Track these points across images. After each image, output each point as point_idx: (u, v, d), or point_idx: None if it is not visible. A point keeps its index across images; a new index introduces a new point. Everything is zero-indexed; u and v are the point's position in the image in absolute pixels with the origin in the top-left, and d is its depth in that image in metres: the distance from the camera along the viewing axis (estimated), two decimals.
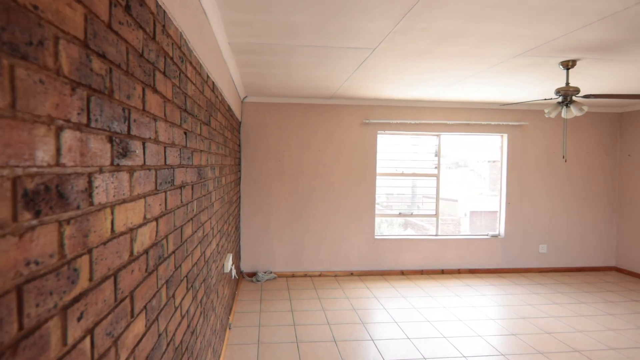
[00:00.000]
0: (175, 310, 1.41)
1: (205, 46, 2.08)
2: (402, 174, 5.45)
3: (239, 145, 4.87)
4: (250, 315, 3.81)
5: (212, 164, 2.48)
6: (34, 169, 0.53)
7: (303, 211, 5.15)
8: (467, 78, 3.79)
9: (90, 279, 0.69)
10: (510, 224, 5.48)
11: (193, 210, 1.79)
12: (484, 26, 2.39)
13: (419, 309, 4.03)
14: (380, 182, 5.36)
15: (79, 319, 0.64)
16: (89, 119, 0.70)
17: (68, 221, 0.61)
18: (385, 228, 6.17)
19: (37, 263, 0.53)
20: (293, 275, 5.16)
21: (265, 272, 5.10)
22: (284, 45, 2.85)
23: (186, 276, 1.61)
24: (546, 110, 3.57)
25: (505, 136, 5.49)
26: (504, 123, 5.35)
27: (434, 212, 5.49)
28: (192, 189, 1.77)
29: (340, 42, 2.76)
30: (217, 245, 2.78)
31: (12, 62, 0.48)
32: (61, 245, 0.59)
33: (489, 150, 5.74)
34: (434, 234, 5.52)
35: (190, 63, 1.72)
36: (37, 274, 0.53)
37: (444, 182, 5.54)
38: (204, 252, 2.14)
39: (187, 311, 1.63)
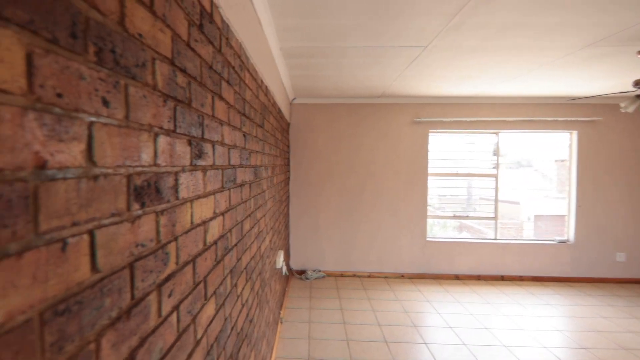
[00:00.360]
0: (237, 299, 1.53)
1: (260, 53, 2.22)
2: (457, 174, 5.27)
3: (288, 146, 5.04)
4: (300, 311, 3.93)
5: (266, 164, 2.62)
6: (140, 168, 0.64)
7: (352, 211, 5.19)
8: (529, 72, 3.59)
9: (177, 263, 0.81)
10: (582, 229, 5.05)
11: (250, 207, 1.92)
12: (547, 17, 2.26)
13: (475, 316, 3.88)
14: (432, 182, 5.23)
15: (169, 296, 0.76)
16: (175, 125, 0.81)
17: (162, 212, 0.73)
18: (438, 230, 5.99)
19: (142, 245, 0.64)
20: (342, 275, 5.21)
21: (314, 271, 5.21)
22: (333, 47, 2.92)
23: (245, 268, 1.73)
24: (622, 105, 3.27)
25: (575, 133, 5.08)
26: (573, 119, 4.96)
27: (492, 215, 5.24)
28: (250, 187, 1.90)
29: (390, 42, 2.77)
30: (270, 241, 2.93)
31: (126, 82, 0.59)
32: (157, 232, 0.70)
33: (555, 149, 5.32)
34: (493, 237, 5.27)
35: (248, 70, 1.85)
36: (142, 254, 0.64)
37: (504, 183, 5.25)
38: (260, 247, 2.28)
39: (246, 301, 1.76)
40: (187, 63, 0.91)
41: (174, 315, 0.79)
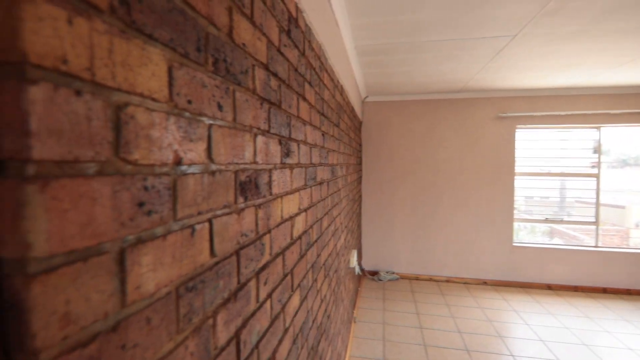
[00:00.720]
0: (317, 294, 1.59)
1: (336, 53, 2.26)
2: (548, 174, 4.76)
3: (360, 145, 5.04)
4: (374, 312, 3.90)
5: (341, 163, 2.66)
6: (243, 166, 0.71)
7: (429, 212, 5.00)
8: (633, 60, 3.10)
9: (270, 254, 0.87)
10: None
11: (328, 205, 1.97)
12: None
13: (572, 330, 3.47)
14: (519, 182, 4.80)
15: (265, 283, 0.82)
16: (269, 126, 0.88)
17: (259, 206, 0.79)
18: (525, 235, 5.48)
19: (245, 235, 0.70)
20: (417, 278, 5.05)
21: (387, 272, 5.14)
22: (410, 42, 2.85)
23: (324, 264, 1.78)
24: None
25: None
26: None
27: (592, 220, 4.63)
28: (328, 185, 1.95)
29: (473, 34, 2.61)
30: (345, 240, 2.96)
31: (234, 88, 0.66)
32: (256, 224, 0.77)
33: None
34: (593, 245, 4.66)
35: (326, 71, 1.90)
36: (245, 244, 0.70)
37: (607, 184, 4.61)
38: (336, 244, 2.32)
39: (325, 296, 1.81)
40: (278, 67, 0.98)
41: (268, 302, 0.86)
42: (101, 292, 0.35)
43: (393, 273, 5.14)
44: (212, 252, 0.57)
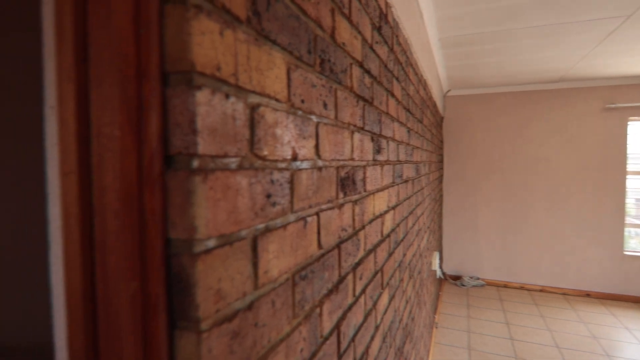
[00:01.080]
0: (403, 294, 1.56)
1: (420, 46, 2.18)
2: None
3: (441, 142, 4.80)
4: (457, 319, 3.70)
5: (424, 160, 2.57)
6: (342, 162, 0.73)
7: (519, 214, 4.57)
8: None
9: (364, 250, 0.88)
10: None
11: (412, 204, 1.91)
12: None
13: None
14: (631, 182, 4.13)
15: (360, 278, 0.83)
16: (364, 123, 0.89)
17: (356, 202, 0.81)
18: (636, 244, 4.71)
19: (345, 230, 0.72)
20: (505, 286, 4.66)
21: (471, 277, 4.82)
22: (501, 31, 2.63)
23: (409, 264, 1.74)
24: None
25: None
26: None
27: None
28: (413, 184, 1.89)
29: (578, 16, 2.32)
30: (427, 240, 2.86)
31: (335, 87, 0.68)
32: (353, 219, 0.78)
33: None
34: None
35: (411, 65, 1.85)
36: (344, 238, 0.72)
37: None
38: (419, 244, 2.25)
39: (409, 297, 1.77)
40: (371, 64, 0.98)
41: (362, 297, 0.87)
42: (241, 273, 0.39)
43: (478, 279, 4.81)
44: (319, 244, 0.60)
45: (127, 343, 0.33)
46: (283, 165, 0.48)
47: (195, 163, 0.33)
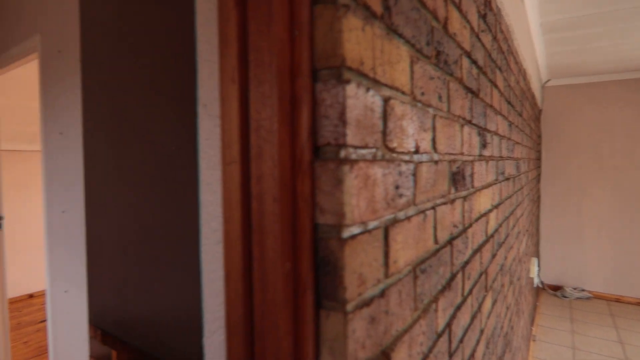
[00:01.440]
0: (504, 299, 1.44)
1: (520, 33, 2.00)
2: None
3: (539, 137, 4.31)
4: (559, 333, 3.31)
5: (524, 157, 2.35)
6: (453, 156, 0.70)
7: (636, 218, 3.91)
8: None
9: (472, 248, 0.84)
10: None
11: (512, 204, 1.76)
12: None
13: None
14: None
15: (468, 278, 0.80)
16: (471, 116, 0.84)
17: (465, 198, 0.77)
18: None
19: (455, 227, 0.70)
20: (617, 300, 4.03)
21: (575, 289, 4.27)
22: (616, 10, 2.27)
23: (509, 268, 1.61)
24: None
25: None
26: None
27: None
28: (513, 182, 1.75)
29: None
30: (525, 244, 2.60)
31: (448, 79, 0.66)
32: (463, 216, 0.75)
33: None
34: None
35: (512, 54, 1.70)
36: (455, 235, 0.70)
37: None
38: (519, 248, 2.06)
39: (509, 304, 1.64)
40: (477, 54, 0.93)
41: (470, 298, 0.83)
42: (376, 261, 0.40)
43: (583, 290, 4.24)
44: (435, 239, 0.59)
45: (281, 317, 0.36)
46: (407, 157, 0.48)
47: (343, 153, 0.35)
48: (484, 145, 0.99)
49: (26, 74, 2.73)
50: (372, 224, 0.39)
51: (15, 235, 4.29)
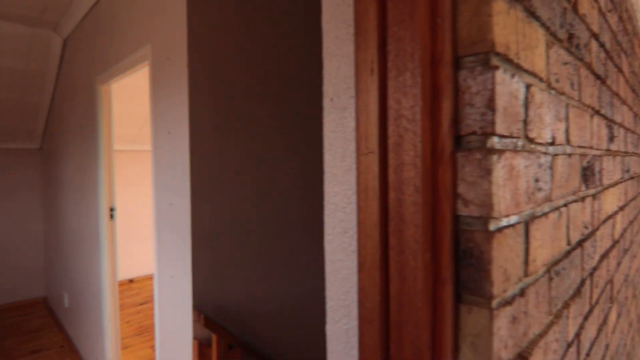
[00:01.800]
0: (627, 314, 1.26)
1: None
2: None
3: None
4: None
5: None
6: (583, 150, 0.63)
7: None
8: None
9: (599, 253, 0.75)
10: None
11: (637, 206, 1.52)
12: None
13: None
14: None
15: (595, 286, 0.71)
16: (600, 105, 0.75)
17: (594, 196, 0.69)
18: None
19: (585, 227, 0.63)
20: None
21: None
22: None
23: (632, 279, 1.40)
24: None
25: None
26: None
27: None
28: (638, 182, 1.51)
29: None
30: None
31: (579, 64, 0.60)
32: (592, 216, 0.67)
33: None
34: None
35: (636, 35, 1.47)
36: (585, 236, 0.63)
37: None
38: None
39: (632, 320, 1.42)
40: (604, 37, 0.82)
41: (596, 308, 0.74)
42: (518, 257, 0.38)
43: None
44: (567, 240, 0.54)
45: (418, 308, 0.37)
46: (544, 149, 0.45)
47: (491, 142, 0.34)
48: (611, 138, 0.87)
49: (131, 83, 3.12)
50: (514, 218, 0.37)
51: (118, 226, 4.95)
